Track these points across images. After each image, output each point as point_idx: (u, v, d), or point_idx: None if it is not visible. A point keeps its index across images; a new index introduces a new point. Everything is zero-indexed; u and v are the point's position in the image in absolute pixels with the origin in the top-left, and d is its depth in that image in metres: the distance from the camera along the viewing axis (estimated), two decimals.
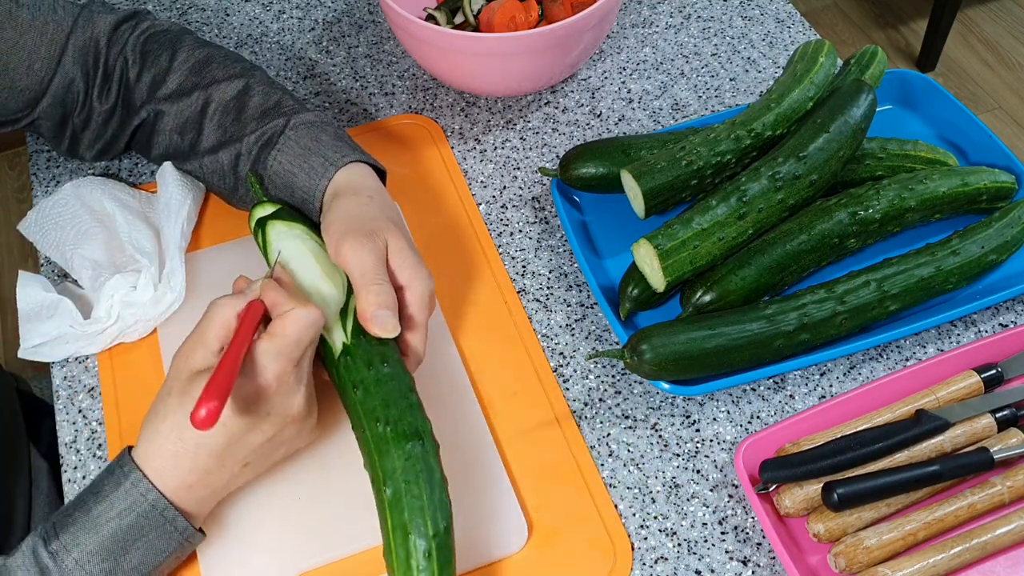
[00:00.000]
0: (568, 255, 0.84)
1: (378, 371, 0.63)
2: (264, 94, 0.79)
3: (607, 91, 0.97)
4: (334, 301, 0.67)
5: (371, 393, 0.62)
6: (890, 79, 0.90)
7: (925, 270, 0.75)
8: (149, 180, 0.90)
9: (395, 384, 0.63)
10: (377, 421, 0.61)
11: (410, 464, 0.59)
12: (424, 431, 0.61)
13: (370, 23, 1.06)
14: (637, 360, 0.70)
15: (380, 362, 0.64)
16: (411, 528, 0.57)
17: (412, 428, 0.61)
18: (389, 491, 0.59)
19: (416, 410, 0.62)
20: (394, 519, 0.58)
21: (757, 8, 1.05)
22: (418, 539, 0.57)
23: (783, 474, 0.66)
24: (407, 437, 0.60)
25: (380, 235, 0.67)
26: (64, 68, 0.79)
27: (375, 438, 0.61)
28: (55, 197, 0.83)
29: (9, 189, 2.23)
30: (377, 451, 0.60)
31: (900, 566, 0.62)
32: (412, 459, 0.59)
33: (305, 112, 0.78)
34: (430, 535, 0.57)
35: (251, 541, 0.66)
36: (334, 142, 0.75)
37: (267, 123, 0.76)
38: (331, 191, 0.73)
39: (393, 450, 0.60)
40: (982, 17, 2.50)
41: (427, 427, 0.62)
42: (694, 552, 0.67)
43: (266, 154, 0.76)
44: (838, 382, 0.75)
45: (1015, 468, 0.67)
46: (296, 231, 0.71)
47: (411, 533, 0.57)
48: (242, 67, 0.81)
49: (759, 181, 0.75)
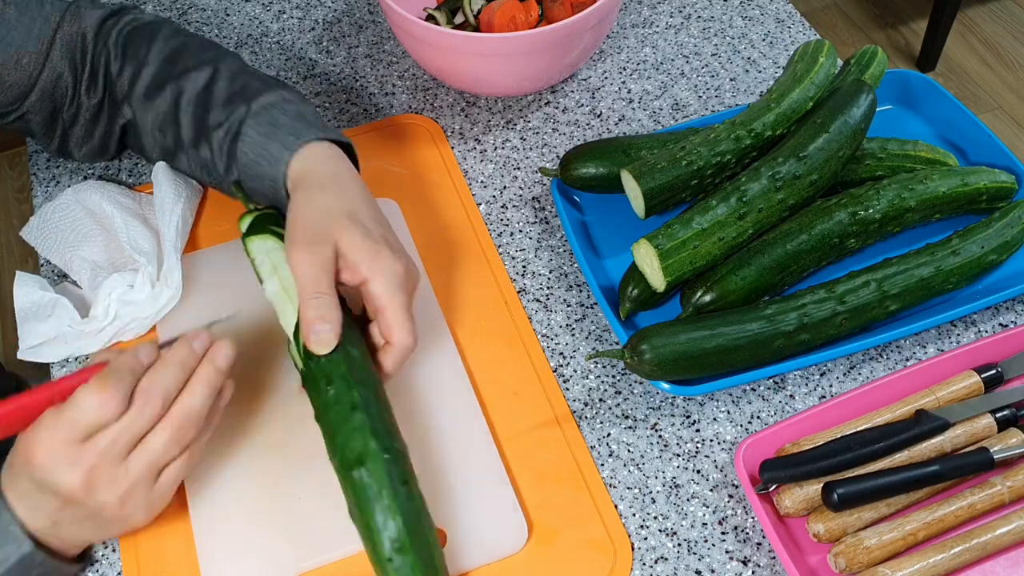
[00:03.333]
0: (568, 255, 0.84)
1: (324, 396, 0.62)
2: (230, 79, 0.76)
3: (607, 91, 0.97)
4: (291, 323, 0.66)
5: (320, 422, 0.63)
6: (890, 79, 0.90)
7: (925, 270, 0.75)
8: (148, 181, 0.90)
9: (338, 408, 0.62)
10: (330, 451, 0.62)
11: (357, 494, 0.59)
12: (367, 454, 0.60)
13: (370, 23, 1.06)
14: (637, 360, 0.69)
15: (325, 384, 0.62)
16: (373, 556, 0.59)
17: (354, 455, 0.60)
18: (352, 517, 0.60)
19: (359, 432, 0.61)
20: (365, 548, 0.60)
21: (757, 8, 1.05)
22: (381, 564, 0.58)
23: (783, 474, 0.66)
24: (350, 466, 0.60)
25: (328, 238, 0.65)
26: (52, 63, 0.79)
27: (334, 467, 0.62)
28: (56, 202, 0.83)
29: (9, 189, 2.23)
30: (339, 479, 0.61)
31: (900, 566, 0.62)
32: (358, 488, 0.59)
33: (268, 92, 0.75)
34: (385, 559, 0.58)
35: (250, 541, 0.66)
36: (292, 123, 0.72)
37: (233, 112, 0.74)
38: (291, 182, 0.71)
39: (344, 480, 0.61)
40: (982, 17, 2.50)
41: (369, 448, 0.60)
42: (694, 552, 0.67)
43: (234, 147, 0.74)
44: (838, 382, 0.75)
45: (1015, 468, 0.67)
46: (268, 244, 0.70)
47: (375, 561, 0.59)
48: (215, 53, 0.79)
49: (759, 181, 0.75)
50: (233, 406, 0.73)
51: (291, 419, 0.72)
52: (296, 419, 0.72)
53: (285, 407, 0.73)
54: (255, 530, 0.67)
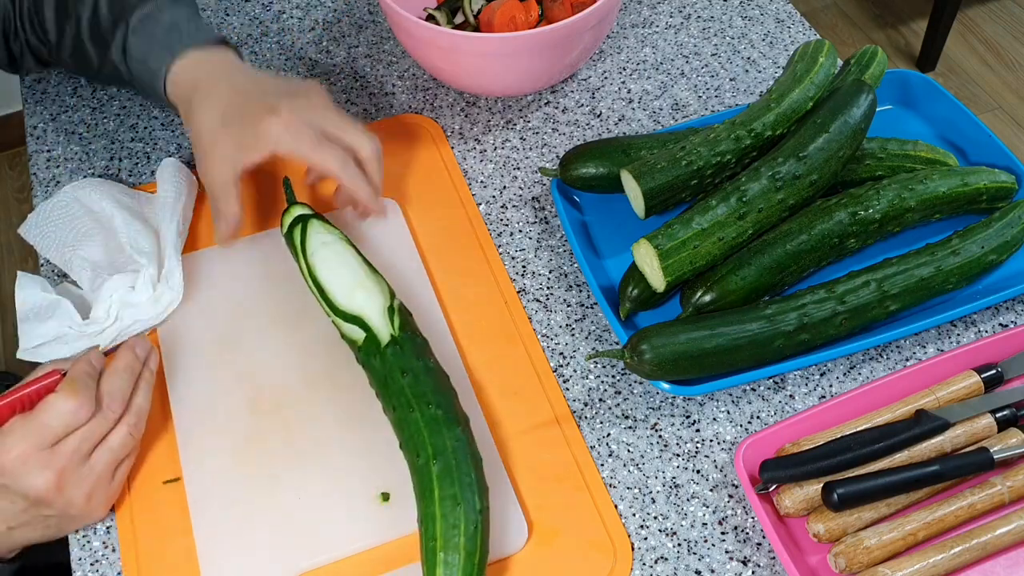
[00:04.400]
0: (568, 255, 0.84)
1: (426, 363, 0.68)
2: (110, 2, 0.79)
3: (607, 91, 0.97)
4: (380, 299, 0.71)
5: (421, 380, 0.66)
6: (890, 79, 0.90)
7: (925, 270, 0.75)
8: (149, 180, 0.90)
9: (442, 377, 0.68)
10: (429, 404, 0.65)
11: (460, 444, 0.63)
12: (466, 421, 0.66)
13: (370, 23, 1.06)
14: (637, 360, 0.70)
15: (427, 356, 0.69)
16: (461, 500, 0.61)
17: (460, 415, 0.66)
18: (439, 466, 0.62)
19: (458, 403, 0.67)
20: (444, 491, 0.61)
21: (757, 8, 1.05)
22: (467, 510, 0.60)
23: (783, 474, 0.66)
24: (457, 421, 0.64)
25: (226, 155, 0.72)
26: None
27: (427, 418, 0.64)
28: (54, 200, 0.83)
29: (9, 189, 2.23)
30: (428, 429, 0.64)
31: (900, 566, 0.62)
32: (461, 440, 0.63)
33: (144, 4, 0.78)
34: (477, 509, 0.61)
35: (251, 541, 0.66)
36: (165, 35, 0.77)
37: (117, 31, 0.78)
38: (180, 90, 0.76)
39: (445, 430, 0.63)
40: (982, 17, 2.50)
41: (466, 418, 0.66)
42: (694, 552, 0.67)
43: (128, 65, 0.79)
44: (838, 382, 0.75)
45: (1015, 468, 0.67)
46: (334, 234, 0.75)
47: (460, 504, 0.60)
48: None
49: (759, 181, 0.75)
50: (234, 407, 0.73)
51: (292, 420, 0.72)
52: (297, 420, 0.72)
53: (286, 408, 0.73)
54: (255, 530, 0.67)
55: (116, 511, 0.69)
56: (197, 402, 0.73)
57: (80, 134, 0.95)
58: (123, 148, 0.93)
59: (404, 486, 0.68)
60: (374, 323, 0.70)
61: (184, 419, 0.72)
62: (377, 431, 0.71)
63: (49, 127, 0.96)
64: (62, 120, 0.96)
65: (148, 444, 0.72)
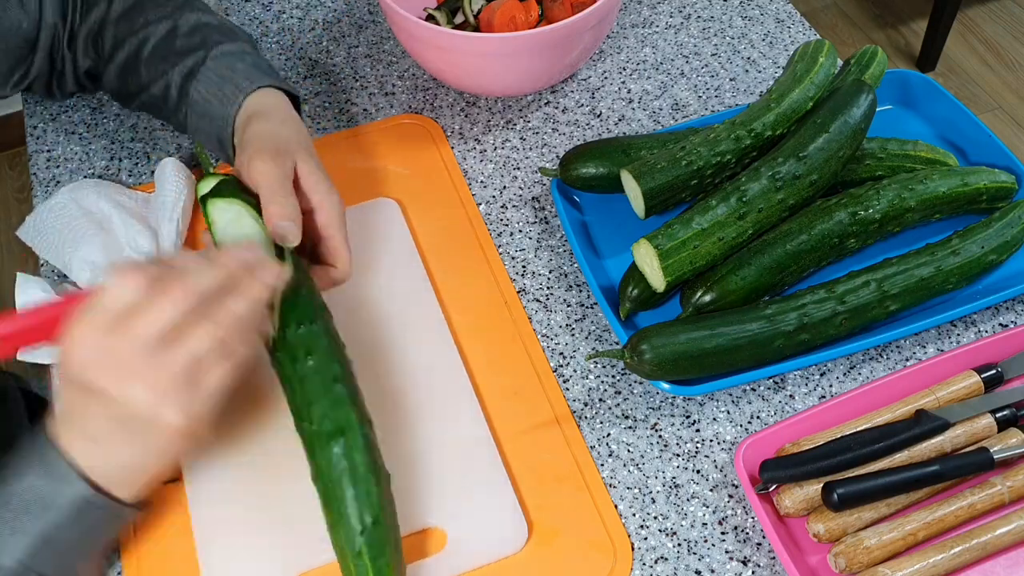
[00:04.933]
0: (568, 255, 0.84)
1: (303, 366, 0.63)
2: (189, 31, 0.81)
3: (607, 91, 0.97)
4: None
5: (296, 391, 0.63)
6: (890, 79, 0.90)
7: (925, 270, 0.75)
8: (149, 180, 0.90)
9: (319, 379, 0.63)
10: (303, 420, 0.62)
11: (335, 462, 0.60)
12: (348, 426, 0.61)
13: (370, 23, 1.06)
14: (637, 360, 0.70)
15: (304, 355, 0.63)
16: (340, 525, 0.59)
17: (335, 425, 0.61)
18: (320, 488, 0.61)
19: (341, 404, 0.62)
20: (328, 516, 0.60)
21: (757, 8, 1.05)
22: (348, 535, 0.59)
23: (783, 474, 0.66)
24: (330, 436, 0.61)
25: (289, 155, 0.69)
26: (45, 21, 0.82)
27: (305, 436, 0.62)
28: (52, 201, 0.83)
29: (9, 189, 2.23)
30: (308, 449, 0.62)
31: (900, 566, 0.62)
32: (336, 457, 0.60)
33: (228, 43, 0.79)
34: (358, 531, 0.59)
35: (251, 541, 0.66)
36: (248, 70, 0.77)
37: (190, 56, 0.79)
38: (243, 116, 0.75)
39: (318, 449, 0.61)
40: (982, 17, 2.50)
41: (351, 420, 0.61)
42: (694, 552, 0.67)
43: (187, 86, 0.78)
44: (838, 382, 0.75)
45: (1015, 468, 0.67)
46: (235, 208, 0.67)
47: (342, 529, 0.59)
48: (174, 5, 0.82)
49: (759, 181, 0.75)
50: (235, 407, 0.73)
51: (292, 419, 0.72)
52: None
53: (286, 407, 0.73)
54: (255, 530, 0.67)
55: None
56: None
57: (80, 134, 0.95)
58: (123, 148, 0.93)
59: (404, 486, 0.68)
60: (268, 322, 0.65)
61: None
62: (377, 431, 0.71)
63: (49, 127, 0.96)
64: (62, 120, 0.96)
65: None
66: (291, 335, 0.64)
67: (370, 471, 0.60)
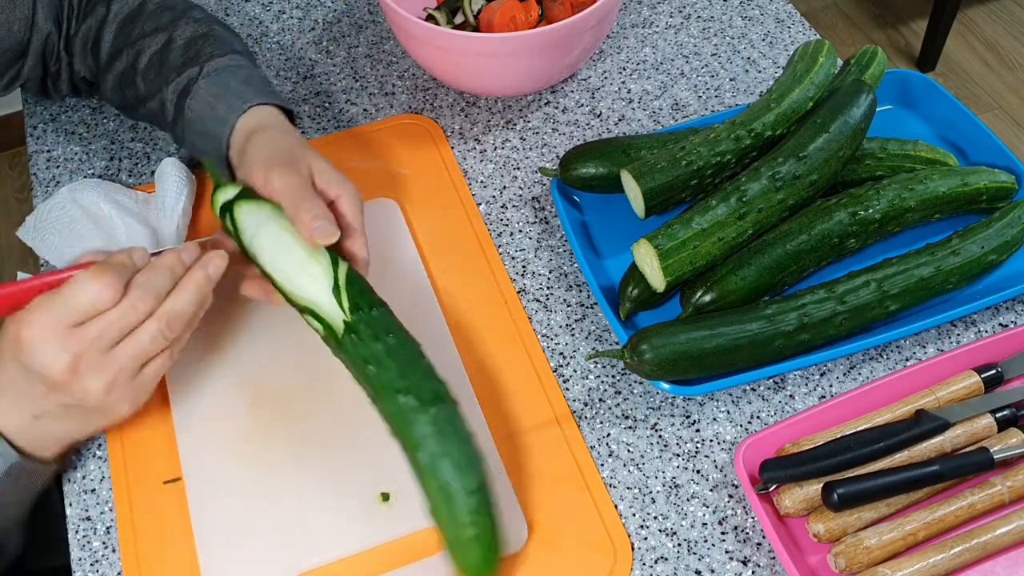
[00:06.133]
0: (568, 255, 0.84)
1: (386, 343, 0.64)
2: (185, 45, 0.81)
3: (607, 91, 0.97)
4: (324, 281, 0.66)
5: (385, 367, 0.63)
6: (890, 79, 0.90)
7: (925, 270, 0.75)
8: (149, 180, 0.90)
9: (405, 353, 0.64)
10: (398, 392, 0.62)
11: (438, 428, 0.61)
12: (443, 393, 0.63)
13: (370, 23, 1.06)
14: (637, 360, 0.70)
15: (385, 333, 0.65)
16: (452, 489, 0.59)
17: (432, 393, 0.62)
18: (424, 457, 0.60)
19: (431, 374, 0.64)
20: (435, 483, 0.60)
21: (757, 8, 1.05)
22: (461, 496, 0.59)
23: (783, 474, 0.66)
24: (429, 403, 0.62)
25: (303, 161, 0.71)
26: (38, 26, 0.83)
27: (400, 410, 0.62)
28: (52, 201, 0.83)
29: (9, 189, 2.23)
30: (404, 421, 0.62)
31: (900, 566, 0.62)
32: (439, 423, 0.61)
33: (220, 56, 0.80)
34: (472, 490, 0.59)
35: (251, 541, 0.66)
36: (241, 88, 0.78)
37: (184, 72, 0.79)
38: (240, 135, 0.75)
39: (420, 417, 0.61)
40: (982, 17, 2.50)
41: (444, 388, 0.63)
42: (694, 552, 0.67)
43: (183, 103, 0.79)
44: (838, 382, 0.75)
45: (1015, 468, 0.67)
46: (265, 211, 0.69)
47: (453, 493, 0.59)
48: (170, 16, 0.83)
49: (759, 181, 0.75)
50: (234, 407, 0.73)
51: (292, 420, 0.72)
52: (297, 419, 0.72)
53: (286, 407, 0.73)
54: (255, 530, 0.67)
55: (116, 511, 0.69)
56: (197, 402, 0.73)
57: (80, 134, 0.95)
58: (123, 148, 0.93)
59: (404, 486, 0.68)
60: (326, 311, 0.65)
61: (184, 419, 0.72)
62: (377, 431, 0.71)
63: (49, 127, 0.96)
64: (62, 120, 0.96)
65: (148, 444, 0.72)
66: (367, 316, 0.65)
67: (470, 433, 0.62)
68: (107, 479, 0.71)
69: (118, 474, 0.70)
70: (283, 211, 0.69)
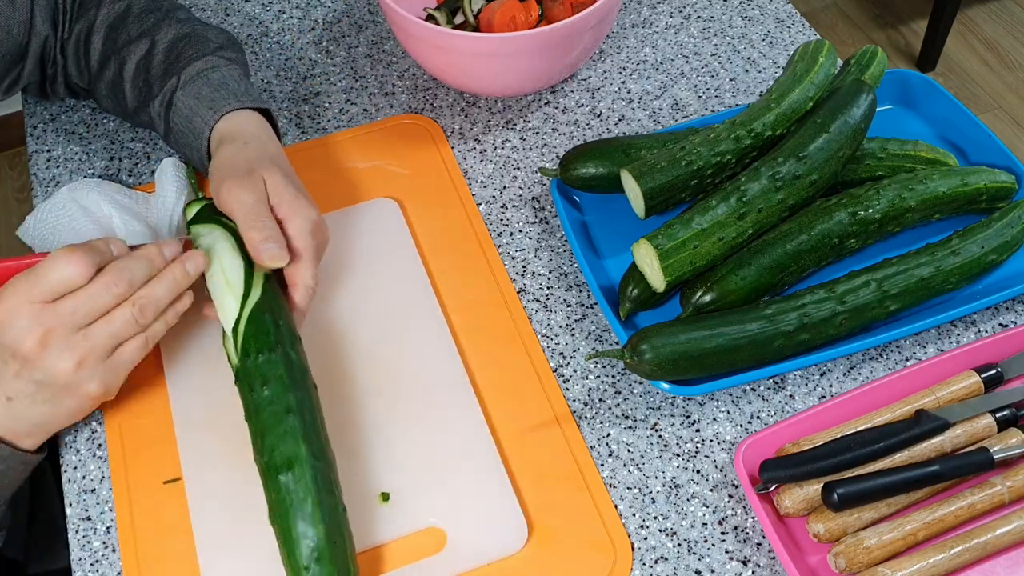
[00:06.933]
0: (568, 255, 0.84)
1: (258, 396, 0.64)
2: (166, 50, 0.81)
3: (607, 91, 0.97)
4: (232, 316, 0.67)
5: (252, 421, 0.64)
6: (890, 79, 0.90)
7: (925, 270, 0.75)
8: (149, 180, 0.90)
9: (272, 409, 0.63)
10: (257, 452, 0.63)
11: (280, 498, 0.61)
12: (296, 459, 0.61)
13: (370, 23, 1.06)
14: (637, 360, 0.70)
15: (260, 385, 0.64)
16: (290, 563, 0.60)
17: (283, 459, 0.61)
18: (271, 519, 0.61)
19: (291, 436, 0.62)
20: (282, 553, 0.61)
21: (757, 8, 1.05)
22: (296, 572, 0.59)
23: (783, 474, 0.66)
24: (278, 470, 0.61)
25: (256, 174, 0.70)
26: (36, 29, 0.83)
27: (259, 467, 0.63)
28: (52, 201, 0.83)
29: (9, 189, 2.23)
30: (262, 480, 0.63)
31: (900, 566, 0.62)
32: (282, 493, 0.61)
33: (197, 60, 0.79)
34: (301, 566, 0.59)
35: (251, 541, 0.66)
36: (213, 94, 0.77)
37: (166, 83, 0.79)
38: (214, 144, 0.76)
39: (269, 482, 0.62)
40: (982, 17, 2.50)
41: (300, 453, 0.61)
42: (694, 552, 0.67)
43: (168, 115, 0.79)
44: (838, 382, 0.75)
45: (1015, 468, 0.67)
46: (215, 233, 0.70)
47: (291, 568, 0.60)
48: (155, 20, 0.83)
49: (759, 181, 0.75)
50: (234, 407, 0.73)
51: None
52: None
53: None
54: (255, 530, 0.67)
55: (116, 511, 0.69)
56: (197, 402, 0.73)
57: (80, 134, 0.95)
58: (123, 148, 0.93)
59: (404, 486, 0.68)
60: (228, 348, 0.67)
61: (184, 419, 0.72)
62: (377, 431, 0.71)
63: (49, 127, 0.96)
64: (62, 120, 0.96)
65: (148, 444, 0.72)
66: (251, 364, 0.65)
67: (317, 506, 0.60)
68: (107, 479, 0.71)
69: (118, 474, 0.70)
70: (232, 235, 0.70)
